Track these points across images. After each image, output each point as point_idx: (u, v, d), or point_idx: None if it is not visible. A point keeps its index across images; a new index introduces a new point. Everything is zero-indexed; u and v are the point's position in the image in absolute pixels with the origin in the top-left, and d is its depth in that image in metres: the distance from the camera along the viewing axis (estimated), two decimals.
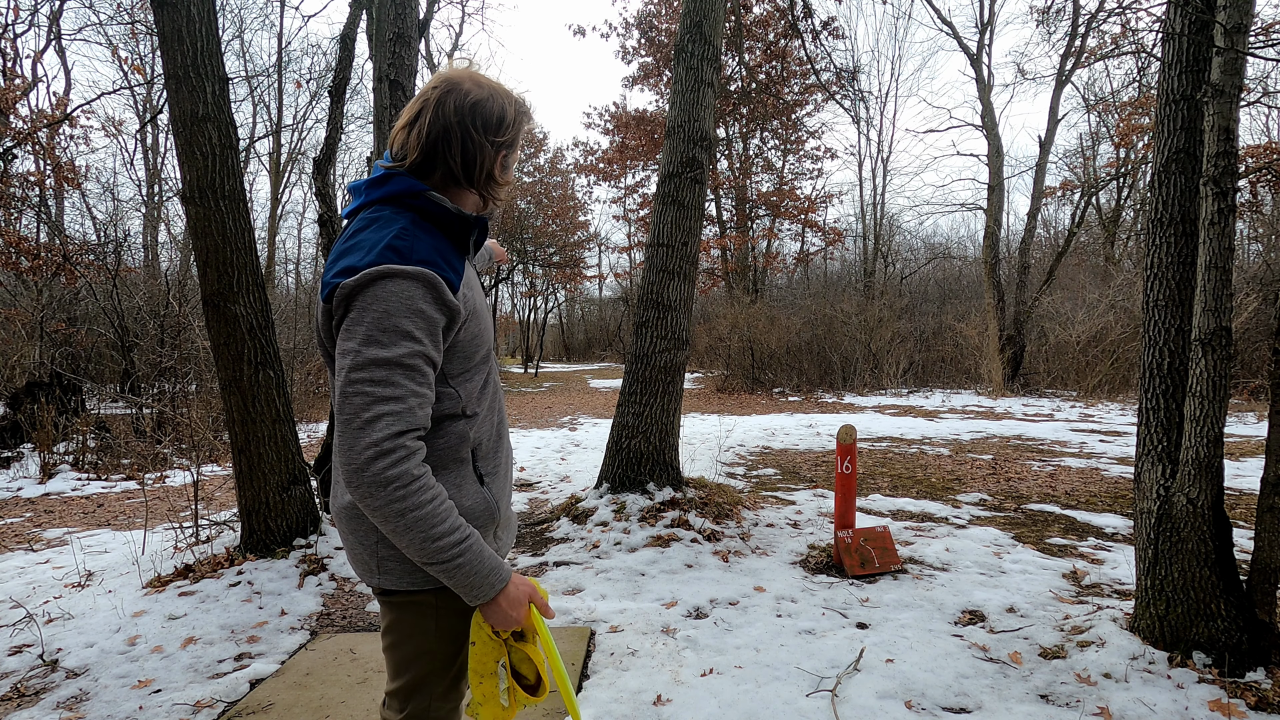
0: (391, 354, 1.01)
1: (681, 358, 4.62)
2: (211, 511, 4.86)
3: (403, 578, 1.16)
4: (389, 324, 1.01)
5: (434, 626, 1.19)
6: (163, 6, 3.40)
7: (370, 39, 5.25)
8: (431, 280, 1.05)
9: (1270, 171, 10.25)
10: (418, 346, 1.03)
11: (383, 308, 1.02)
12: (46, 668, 2.63)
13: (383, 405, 1.00)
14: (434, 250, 1.09)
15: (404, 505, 1.00)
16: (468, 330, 1.15)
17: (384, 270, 1.02)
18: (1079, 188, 17.30)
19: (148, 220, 18.35)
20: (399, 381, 1.01)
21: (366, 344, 1.01)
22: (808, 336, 15.61)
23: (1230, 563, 2.36)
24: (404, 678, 1.21)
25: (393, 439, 0.99)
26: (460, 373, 1.17)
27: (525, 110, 1.22)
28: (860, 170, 39.09)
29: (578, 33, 17.07)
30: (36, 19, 10.52)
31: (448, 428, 1.16)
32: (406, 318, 1.02)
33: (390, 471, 0.99)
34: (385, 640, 1.23)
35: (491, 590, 1.08)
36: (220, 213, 3.49)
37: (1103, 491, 5.33)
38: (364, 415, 0.99)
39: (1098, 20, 13.34)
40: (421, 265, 1.05)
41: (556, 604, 3.13)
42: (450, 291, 1.08)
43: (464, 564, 1.05)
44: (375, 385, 1.00)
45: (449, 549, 1.03)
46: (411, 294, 1.03)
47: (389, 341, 1.01)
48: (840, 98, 16.31)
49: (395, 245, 1.06)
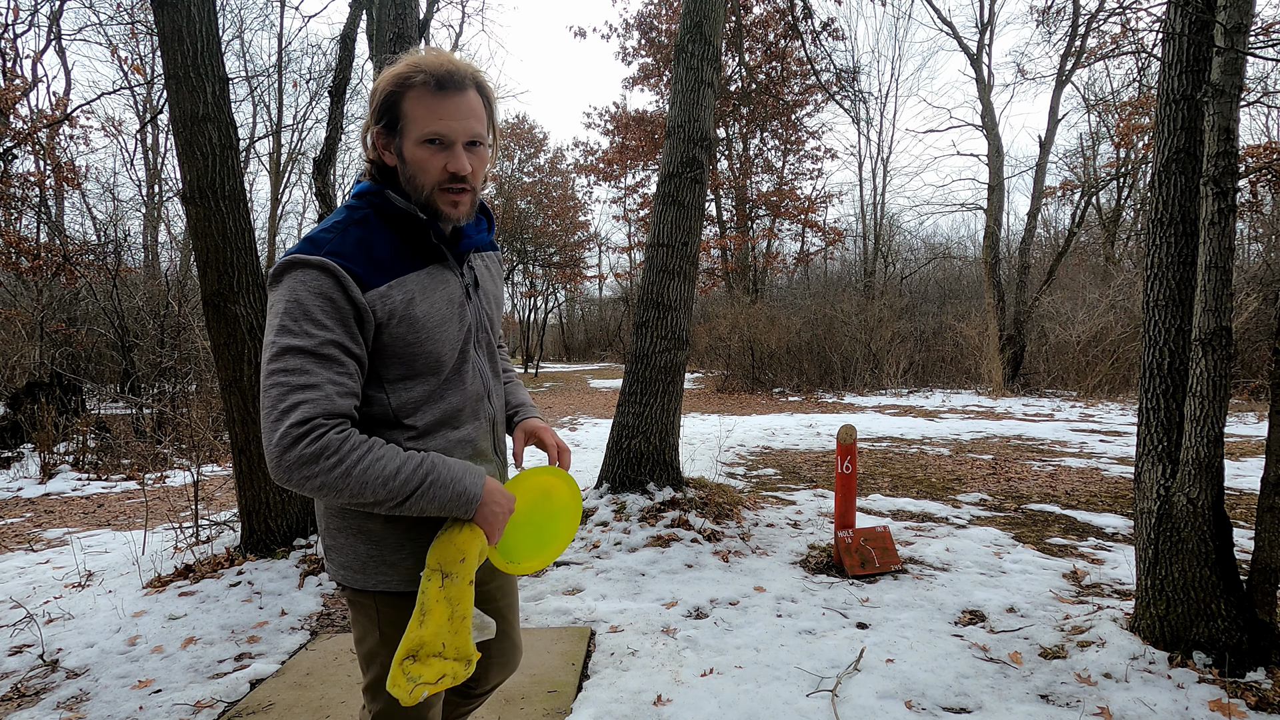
0: (303, 342, 1.00)
1: (681, 358, 4.62)
2: (211, 511, 4.86)
3: (338, 571, 1.17)
4: (298, 311, 1.00)
5: (376, 630, 1.17)
6: (163, 6, 3.40)
7: (370, 39, 5.26)
8: (332, 270, 1.02)
9: (1270, 171, 10.25)
10: (328, 334, 1.01)
11: (292, 296, 1.01)
12: (47, 668, 2.63)
13: (298, 394, 0.98)
14: (359, 245, 1.07)
15: (343, 467, 0.97)
16: (394, 335, 1.09)
17: (291, 260, 1.03)
18: (1079, 188, 17.30)
19: (148, 220, 18.35)
20: (312, 369, 0.99)
21: (280, 333, 1.00)
22: (808, 336, 15.61)
23: (1230, 563, 2.36)
24: (368, 675, 1.21)
25: (305, 423, 0.97)
26: (398, 379, 1.12)
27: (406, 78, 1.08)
28: (860, 170, 39.06)
29: (578, 34, 17.07)
30: (36, 19, 10.52)
31: (381, 434, 1.11)
32: (314, 305, 1.01)
33: (310, 448, 0.96)
34: (353, 635, 1.24)
35: (476, 487, 1.07)
36: (220, 213, 3.49)
37: (1103, 491, 5.33)
38: (280, 406, 0.97)
39: (1098, 20, 13.34)
40: (331, 256, 1.03)
41: (556, 604, 3.13)
42: (358, 287, 1.04)
43: (437, 478, 1.03)
44: (289, 374, 0.99)
45: (413, 476, 1.01)
46: (318, 282, 1.02)
47: (299, 330, 1.00)
48: (840, 98, 16.30)
49: (315, 237, 1.06)
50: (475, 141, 1.12)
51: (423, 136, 1.08)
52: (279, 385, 0.99)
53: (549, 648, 2.68)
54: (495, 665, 1.41)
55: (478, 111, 1.12)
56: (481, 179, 1.17)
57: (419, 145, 1.09)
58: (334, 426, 0.99)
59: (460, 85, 1.09)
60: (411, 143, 1.09)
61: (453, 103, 1.08)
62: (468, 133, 1.10)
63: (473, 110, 1.10)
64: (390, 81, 1.08)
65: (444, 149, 1.09)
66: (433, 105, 1.07)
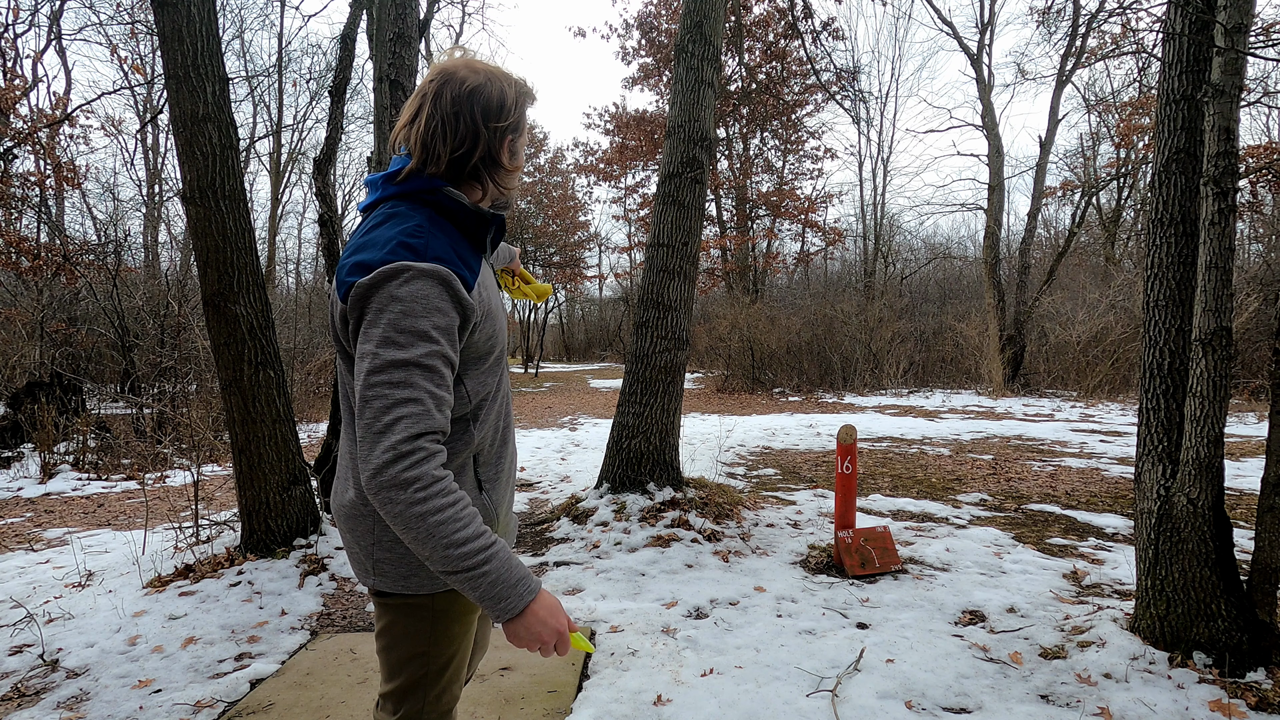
0: (409, 355, 0.98)
1: (682, 358, 4.62)
2: (212, 511, 4.86)
3: (397, 581, 1.14)
4: (406, 324, 0.99)
5: (429, 630, 1.17)
6: (163, 6, 3.40)
7: (370, 39, 5.25)
8: (446, 278, 1.02)
9: (1270, 171, 10.24)
10: (435, 347, 1.01)
11: (400, 308, 0.99)
12: (47, 667, 2.63)
13: (401, 408, 0.97)
14: (449, 247, 1.07)
15: (424, 509, 0.95)
16: (482, 331, 1.12)
17: (398, 268, 1.00)
18: (1079, 188, 17.29)
19: (148, 220, 18.36)
20: (417, 383, 0.99)
21: (384, 345, 0.98)
22: (808, 336, 15.60)
23: (1231, 563, 2.36)
24: (397, 680, 1.19)
25: (410, 441, 0.96)
26: (473, 375, 1.15)
27: (527, 91, 1.18)
28: (860, 170, 39.09)
29: (578, 34, 17.09)
30: (36, 19, 10.53)
31: (455, 431, 1.13)
32: (424, 317, 1.00)
33: (407, 474, 0.95)
34: (379, 642, 1.21)
35: (520, 603, 1.00)
36: (220, 213, 3.49)
37: (1103, 491, 5.33)
38: (383, 419, 0.97)
39: (1098, 20, 13.34)
40: (436, 262, 1.02)
41: None
42: (465, 290, 1.06)
43: (489, 571, 0.98)
44: (393, 388, 0.98)
45: (473, 555, 0.98)
46: (427, 293, 1.00)
47: (406, 342, 0.99)
48: (840, 98, 16.31)
49: (409, 243, 1.03)
50: None
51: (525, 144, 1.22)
52: (382, 398, 0.97)
53: None
54: (479, 647, 1.45)
55: None
56: None
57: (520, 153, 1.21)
58: (436, 454, 0.99)
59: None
60: (522, 149, 1.22)
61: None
62: None
63: None
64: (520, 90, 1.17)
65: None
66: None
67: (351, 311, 1.03)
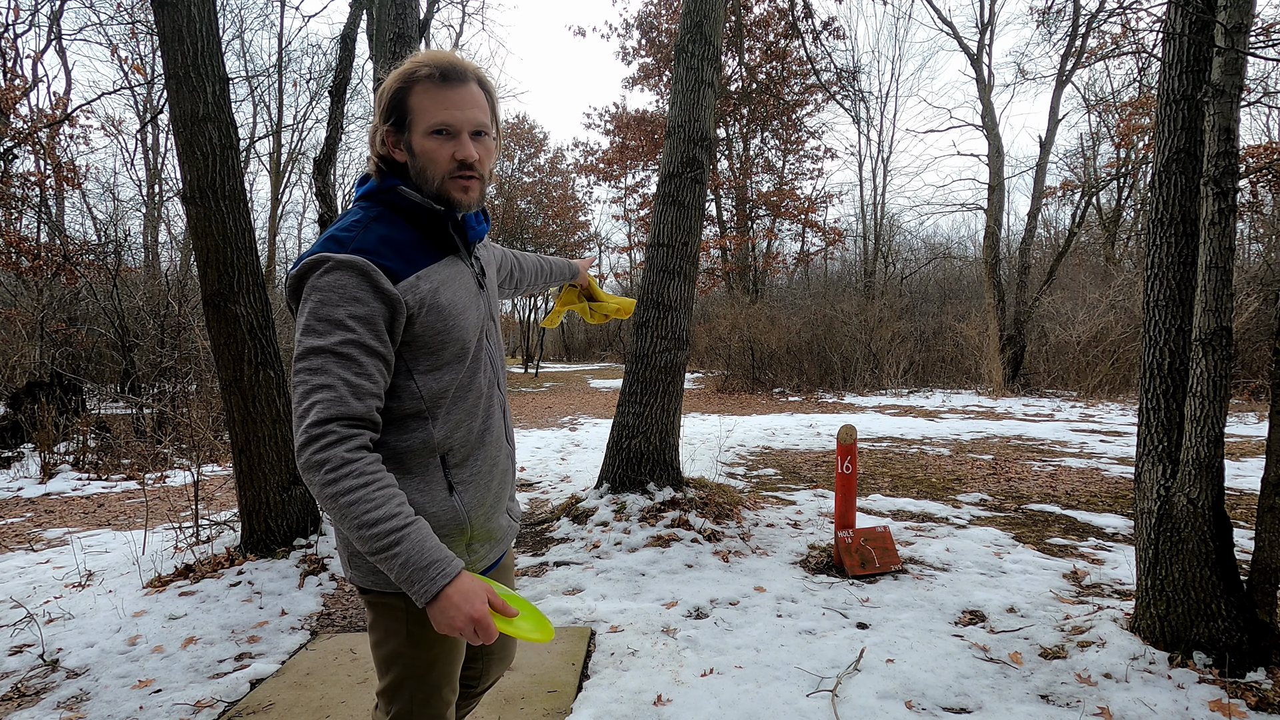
0: (324, 342, 1.02)
1: (682, 358, 4.62)
2: (212, 511, 4.87)
3: (368, 575, 1.16)
4: (323, 313, 1.02)
5: (404, 630, 1.17)
6: (163, 6, 3.40)
7: (370, 39, 5.25)
8: (364, 268, 1.04)
9: (1271, 171, 10.24)
10: (351, 335, 1.03)
11: (318, 297, 1.03)
12: (47, 667, 2.63)
13: (315, 394, 1.01)
14: (382, 240, 1.09)
15: (334, 490, 0.98)
16: (424, 324, 1.11)
17: (317, 259, 1.04)
18: (1079, 188, 17.29)
19: (148, 220, 18.35)
20: (330, 369, 1.02)
21: (305, 334, 1.03)
22: (808, 336, 15.60)
23: (1231, 563, 2.36)
24: (386, 678, 1.21)
25: (320, 425, 0.99)
26: (426, 370, 1.14)
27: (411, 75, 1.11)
28: (860, 170, 39.11)
29: (578, 33, 17.09)
30: (36, 19, 10.53)
31: (410, 427, 1.13)
32: (339, 306, 1.03)
33: (317, 456, 0.98)
34: (370, 638, 1.23)
35: (433, 586, 0.99)
36: (220, 213, 3.49)
37: (1103, 491, 5.33)
38: (301, 405, 1.01)
39: (1098, 20, 13.34)
40: (357, 254, 1.05)
41: (556, 604, 3.13)
42: (390, 281, 1.06)
43: (399, 554, 0.98)
44: (310, 374, 1.02)
45: (382, 536, 0.98)
46: (345, 282, 1.03)
47: (324, 330, 1.02)
48: (840, 98, 16.32)
49: (337, 235, 1.07)
50: (480, 131, 1.15)
51: (430, 127, 1.11)
52: (301, 384, 1.02)
53: (549, 648, 2.68)
54: (495, 660, 1.44)
55: (481, 103, 1.14)
56: (489, 169, 1.20)
57: (427, 136, 1.11)
58: (348, 438, 1.00)
59: (463, 77, 1.12)
60: (420, 135, 1.12)
61: (457, 93, 1.11)
62: (473, 122, 1.13)
63: (476, 101, 1.14)
64: (397, 79, 1.12)
65: (451, 138, 1.12)
66: (438, 96, 1.10)
67: (289, 303, 1.09)
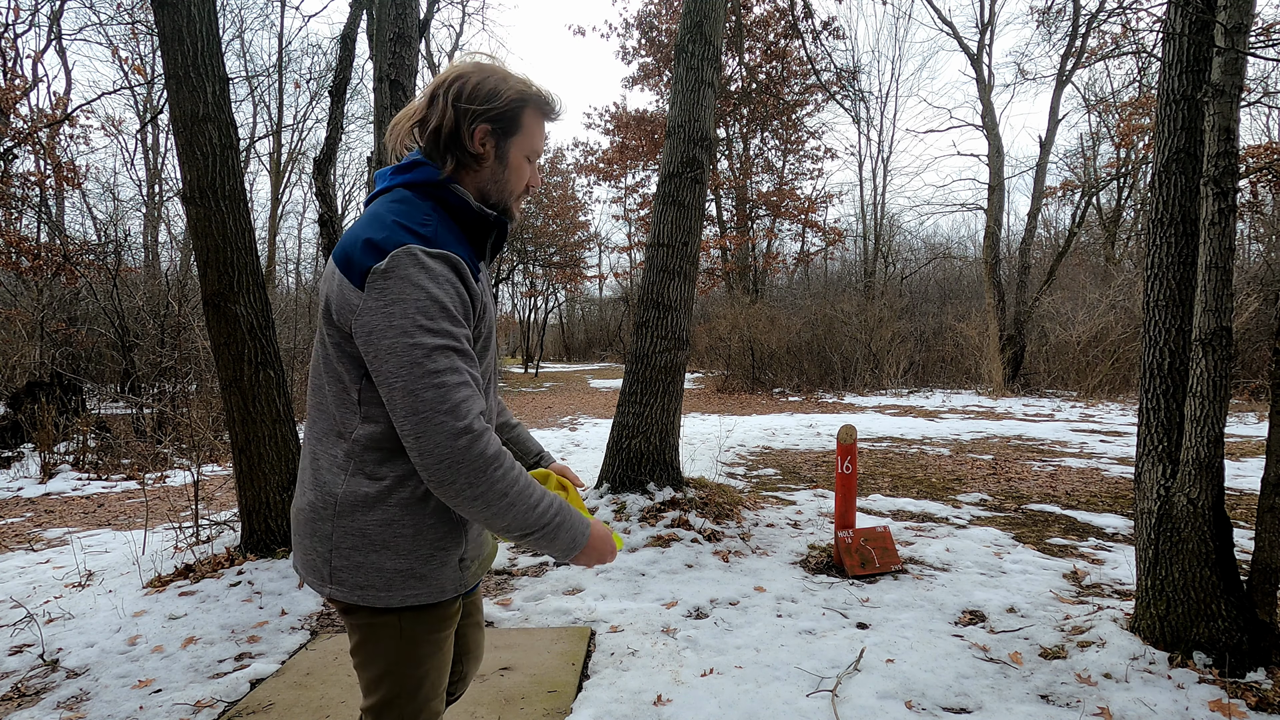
0: (444, 341, 1.00)
1: (682, 358, 4.62)
2: (212, 511, 4.87)
3: (353, 591, 1.10)
4: (435, 309, 1.00)
5: (395, 648, 1.14)
6: (163, 6, 3.40)
7: (371, 39, 5.25)
8: (458, 264, 1.04)
9: (1271, 171, 10.24)
10: (462, 329, 1.03)
11: (423, 293, 0.99)
12: (47, 667, 2.63)
13: (460, 391, 0.99)
14: (456, 238, 1.10)
15: (505, 483, 0.99)
16: (477, 329, 1.13)
17: (411, 251, 1.00)
18: (1079, 188, 17.30)
19: (148, 220, 18.36)
20: (459, 366, 1.00)
21: (419, 332, 0.98)
22: (808, 336, 15.61)
23: (1231, 563, 2.36)
24: (373, 697, 1.17)
25: (480, 419, 0.99)
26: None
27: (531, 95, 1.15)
28: (860, 170, 39.13)
29: (578, 33, 17.10)
30: (36, 19, 10.53)
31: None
32: (448, 301, 1.02)
33: (490, 450, 0.99)
34: (354, 659, 1.17)
35: (584, 537, 1.09)
36: (220, 213, 3.49)
37: (1103, 492, 5.33)
38: (446, 403, 0.97)
39: (1098, 20, 13.34)
40: (448, 248, 1.05)
41: (556, 604, 3.13)
42: (472, 279, 1.08)
43: (563, 522, 1.06)
44: (445, 374, 0.98)
45: (548, 513, 1.04)
46: (448, 277, 1.03)
47: (438, 327, 1.00)
48: (840, 98, 16.33)
49: (413, 228, 1.04)
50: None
51: (529, 151, 1.19)
52: (439, 384, 0.97)
53: (549, 648, 2.68)
54: (472, 659, 1.43)
55: None
56: None
57: (523, 156, 1.19)
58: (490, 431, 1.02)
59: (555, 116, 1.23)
60: (519, 151, 1.18)
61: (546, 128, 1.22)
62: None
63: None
64: (520, 90, 1.15)
65: (531, 165, 1.22)
66: (542, 126, 1.21)
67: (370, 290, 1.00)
